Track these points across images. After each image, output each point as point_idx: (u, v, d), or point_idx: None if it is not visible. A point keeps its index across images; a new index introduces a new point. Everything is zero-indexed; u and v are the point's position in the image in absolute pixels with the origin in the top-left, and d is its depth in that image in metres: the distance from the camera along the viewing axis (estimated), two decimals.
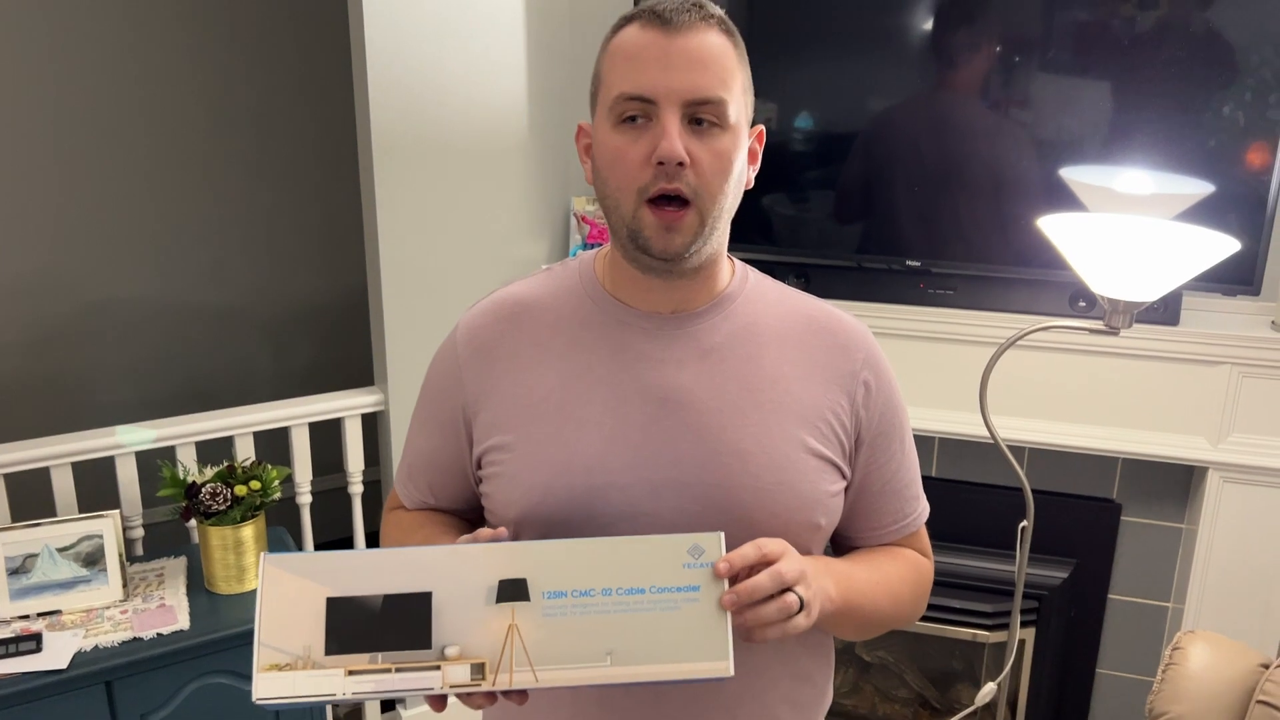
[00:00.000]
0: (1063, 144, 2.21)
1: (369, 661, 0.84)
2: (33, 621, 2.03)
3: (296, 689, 0.83)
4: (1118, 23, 2.13)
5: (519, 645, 0.86)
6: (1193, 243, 1.64)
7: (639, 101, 0.97)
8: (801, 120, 2.38)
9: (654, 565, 0.89)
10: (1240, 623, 2.31)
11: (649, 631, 0.87)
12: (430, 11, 2.37)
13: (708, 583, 0.89)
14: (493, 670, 0.84)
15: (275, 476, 2.18)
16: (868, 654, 2.76)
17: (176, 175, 3.54)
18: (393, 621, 0.86)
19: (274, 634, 0.85)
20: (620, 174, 0.99)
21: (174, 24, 3.44)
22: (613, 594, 0.88)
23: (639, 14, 1.00)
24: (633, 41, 0.99)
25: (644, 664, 0.86)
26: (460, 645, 0.85)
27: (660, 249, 0.99)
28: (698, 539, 0.90)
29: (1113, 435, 2.31)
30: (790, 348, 1.09)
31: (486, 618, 0.86)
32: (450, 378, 1.12)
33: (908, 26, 2.26)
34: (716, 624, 0.88)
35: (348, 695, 0.83)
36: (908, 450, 1.16)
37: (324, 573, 0.87)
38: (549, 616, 0.87)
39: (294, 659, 0.84)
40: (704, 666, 0.86)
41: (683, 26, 0.97)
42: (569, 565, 0.89)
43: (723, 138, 0.99)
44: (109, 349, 3.53)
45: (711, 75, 0.97)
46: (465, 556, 0.89)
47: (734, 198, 1.03)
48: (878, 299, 2.40)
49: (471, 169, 2.51)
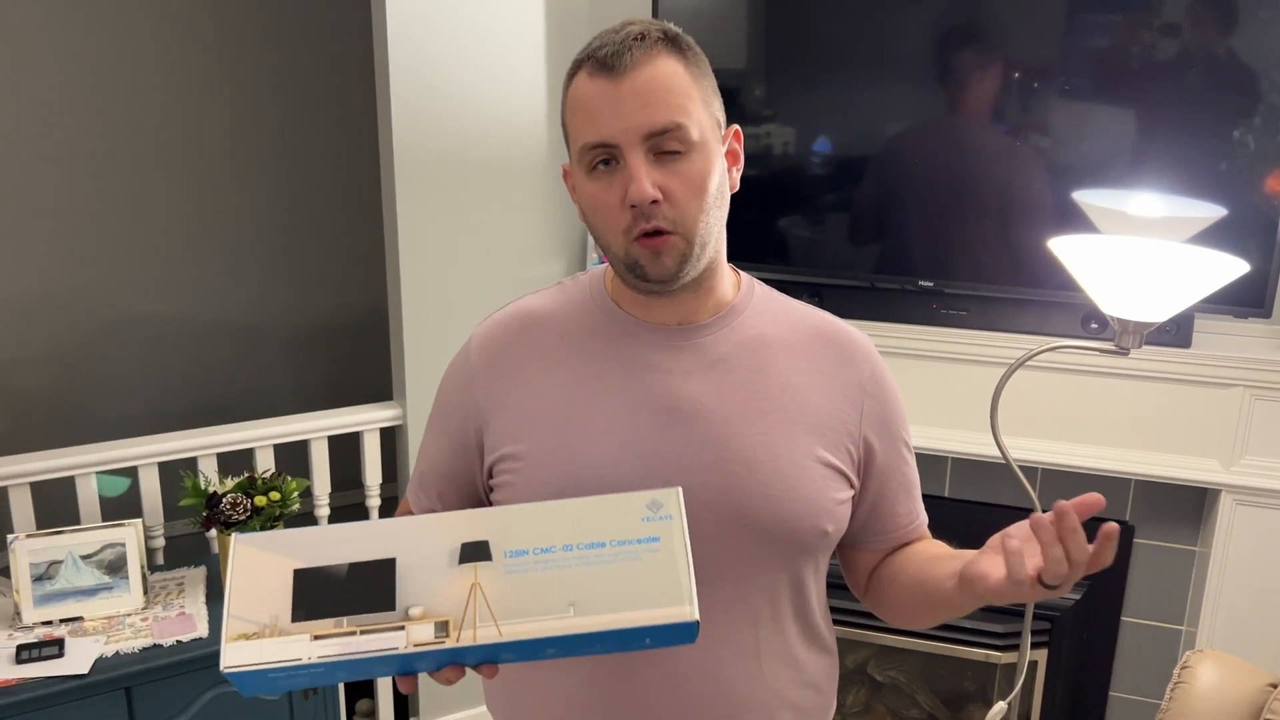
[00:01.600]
0: (1075, 167, 2.23)
1: (334, 626, 0.85)
2: (56, 627, 2.07)
3: (263, 655, 0.84)
4: (1132, 49, 2.15)
5: (482, 602, 0.86)
6: (1202, 264, 1.66)
7: (602, 147, 1.00)
8: (818, 144, 2.41)
9: (614, 521, 0.90)
10: (1253, 645, 2.30)
11: (611, 581, 0.87)
12: (452, 33, 2.42)
13: (667, 534, 0.90)
14: (456, 627, 0.85)
15: (294, 488, 2.21)
16: (880, 674, 2.76)
17: (199, 194, 3.61)
18: (358, 587, 0.87)
19: (243, 606, 0.86)
20: (603, 220, 1.03)
21: (195, 43, 3.51)
22: (574, 549, 0.89)
23: (584, 60, 1.03)
24: (583, 93, 1.02)
25: (607, 613, 0.86)
26: (424, 606, 0.86)
27: (655, 274, 1.02)
28: (655, 494, 0.92)
29: (1125, 457, 2.32)
30: (797, 358, 1.11)
31: (449, 578, 0.87)
32: (463, 388, 1.15)
33: (923, 52, 2.30)
34: (679, 571, 0.88)
35: (313, 659, 0.84)
36: (911, 456, 1.20)
37: (292, 547, 0.89)
38: (511, 574, 0.87)
39: (261, 627, 0.85)
40: (668, 612, 0.86)
41: (625, 68, 0.99)
42: (530, 526, 0.90)
43: (692, 160, 1.01)
44: (133, 363, 3.58)
45: (663, 105, 0.99)
46: (427, 524, 0.90)
47: (718, 211, 1.05)
48: (890, 319, 2.42)
49: (491, 188, 2.56)
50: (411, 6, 2.35)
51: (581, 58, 1.04)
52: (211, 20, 3.51)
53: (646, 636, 0.89)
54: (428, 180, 2.46)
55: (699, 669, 1.07)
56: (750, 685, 1.09)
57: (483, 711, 2.73)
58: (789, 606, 1.12)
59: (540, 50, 2.56)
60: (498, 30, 2.48)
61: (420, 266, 2.50)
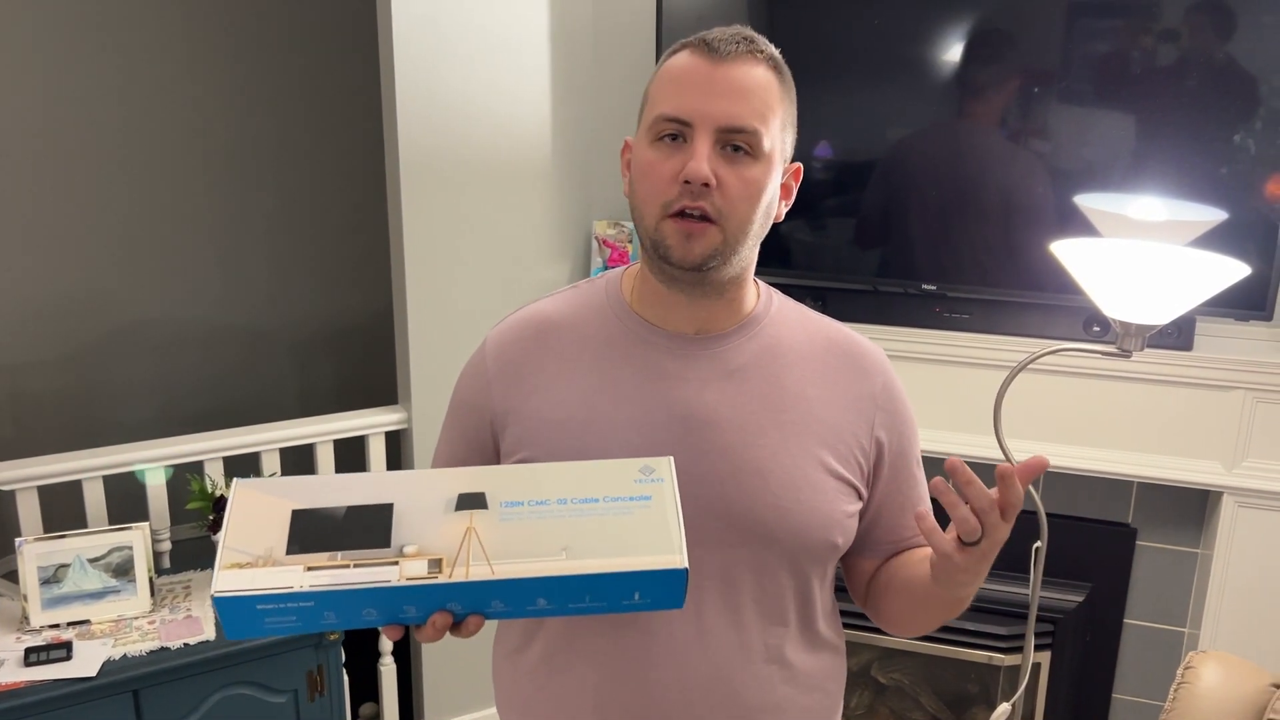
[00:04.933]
0: (1077, 171, 2.25)
1: (328, 559, 0.86)
2: (63, 630, 2.08)
3: (255, 582, 0.85)
4: (1134, 54, 2.17)
5: (476, 544, 0.88)
6: (1203, 267, 1.67)
7: (676, 123, 1.01)
8: (821, 148, 2.42)
9: (607, 481, 0.93)
10: (1256, 647, 2.31)
11: (603, 530, 0.89)
12: (458, 40, 2.43)
13: (659, 494, 0.92)
14: (449, 564, 0.86)
15: None
16: (883, 676, 2.77)
17: (207, 198, 3.62)
18: (354, 527, 0.88)
19: (239, 540, 0.88)
20: (649, 186, 1.03)
21: (205, 49, 3.53)
22: (568, 502, 0.91)
23: (692, 41, 1.05)
24: (680, 66, 1.04)
25: (598, 557, 0.87)
26: (418, 545, 0.88)
27: (679, 257, 1.02)
28: (648, 461, 0.94)
29: (1127, 459, 2.33)
30: (812, 370, 1.11)
31: (445, 523, 0.89)
32: (479, 392, 1.15)
33: (926, 57, 2.31)
34: (669, 524, 0.90)
35: (305, 587, 0.85)
36: (921, 468, 1.21)
37: (293, 491, 0.91)
38: (506, 521, 0.89)
39: (255, 558, 0.86)
40: (657, 559, 0.88)
41: (729, 56, 1.02)
42: (527, 482, 0.92)
43: (754, 166, 1.02)
44: (140, 367, 3.59)
45: (749, 106, 1.01)
46: (427, 476, 0.92)
47: (761, 225, 1.06)
48: (894, 322, 2.43)
49: (496, 193, 2.57)
50: (417, 12, 2.36)
51: (687, 41, 1.06)
52: (221, 26, 3.53)
53: (637, 590, 0.90)
54: (433, 184, 2.48)
55: (708, 673, 1.08)
56: (759, 689, 1.10)
57: (488, 714, 2.74)
58: (796, 613, 1.13)
59: (545, 55, 2.57)
60: (503, 35, 2.49)
61: (426, 270, 2.51)
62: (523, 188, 2.61)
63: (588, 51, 2.66)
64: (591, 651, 1.10)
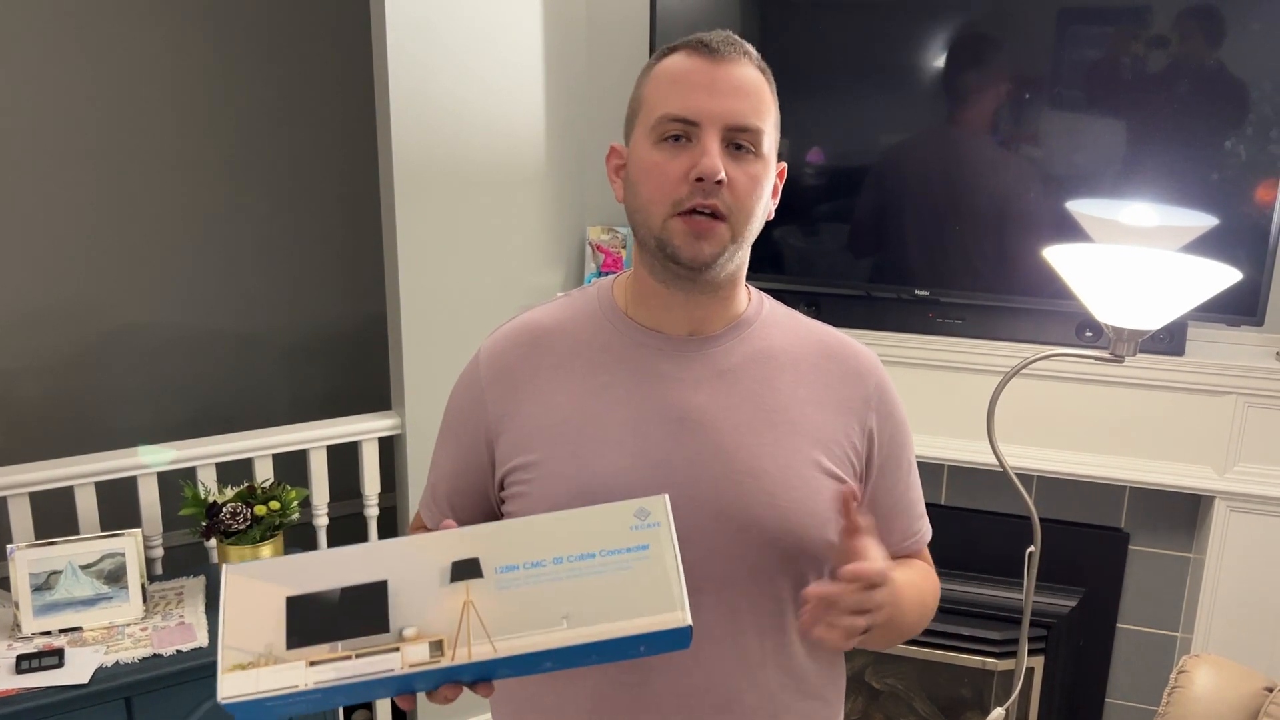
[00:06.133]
0: (1069, 177, 2.26)
1: (329, 651, 0.85)
2: (55, 637, 2.06)
3: (260, 684, 0.84)
4: (1124, 61, 2.18)
5: (475, 620, 0.86)
6: (1195, 273, 1.68)
7: (682, 123, 1.02)
8: (812, 154, 2.43)
9: (602, 531, 0.90)
10: (1248, 651, 2.32)
11: (603, 592, 0.87)
12: (451, 44, 2.43)
13: (656, 540, 0.90)
14: (451, 645, 0.85)
15: (294, 497, 2.22)
16: (877, 681, 2.77)
17: (198, 203, 3.62)
18: (350, 611, 0.87)
19: (237, 637, 0.86)
20: (655, 187, 1.04)
21: (197, 53, 3.52)
22: (564, 561, 0.89)
23: (685, 44, 1.06)
24: (679, 67, 1.05)
25: (601, 623, 0.86)
26: (417, 626, 0.86)
27: (689, 256, 1.03)
28: (643, 503, 0.92)
29: (1120, 464, 2.34)
30: (804, 372, 1.12)
31: (442, 597, 0.87)
32: (473, 401, 1.15)
33: (918, 63, 2.32)
34: (669, 578, 0.88)
35: (309, 685, 0.84)
36: (913, 474, 1.20)
37: (284, 575, 0.89)
38: (503, 589, 0.88)
39: (256, 657, 0.85)
40: (660, 619, 0.86)
41: (727, 57, 1.04)
42: (519, 541, 0.90)
43: (756, 164, 1.04)
44: (131, 373, 3.58)
45: (751, 105, 1.04)
46: (417, 544, 0.91)
47: (759, 223, 1.08)
48: (887, 328, 2.44)
49: (490, 199, 2.57)
50: (410, 16, 2.36)
51: (679, 44, 1.07)
52: (210, 30, 3.52)
53: (641, 644, 0.89)
54: (427, 190, 2.47)
55: (705, 678, 1.08)
56: (756, 694, 1.10)
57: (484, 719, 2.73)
58: (794, 617, 1.12)
59: (538, 60, 2.57)
60: (496, 40, 2.49)
61: (419, 276, 2.51)
62: (516, 193, 2.61)
63: (581, 56, 2.67)
64: None
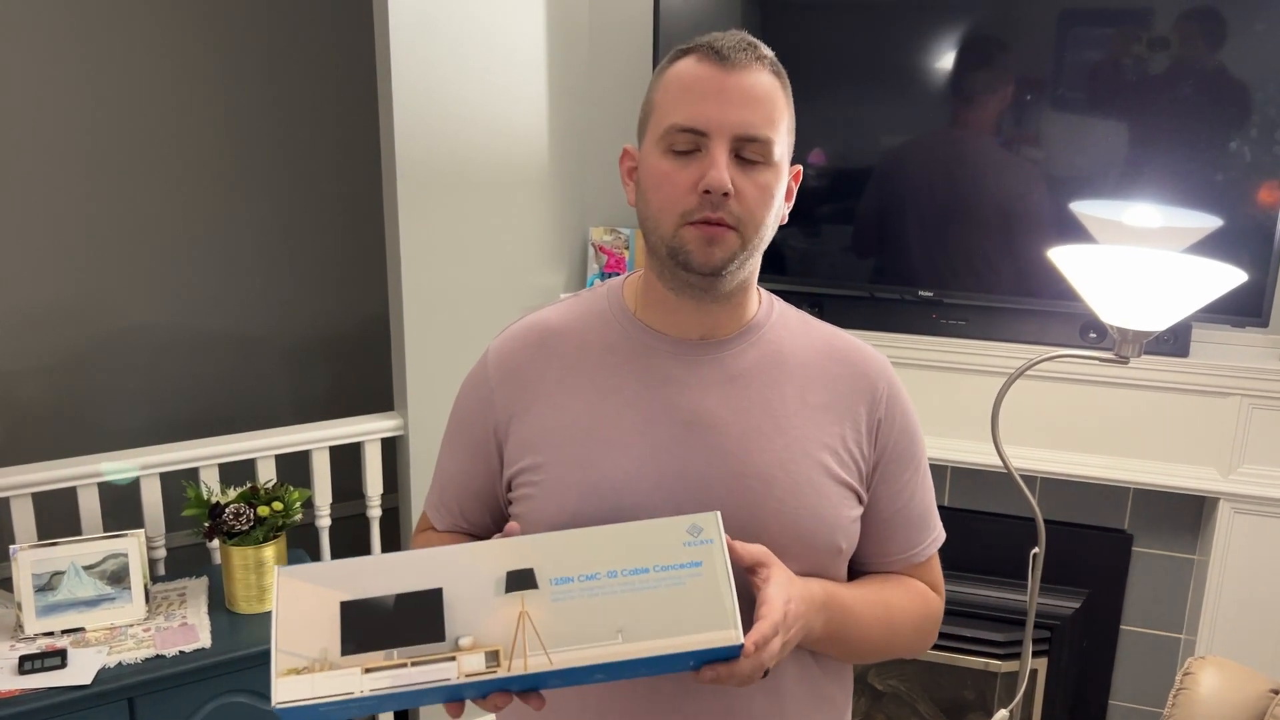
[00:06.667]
0: (1073, 178, 2.25)
1: (385, 658, 0.85)
2: (58, 638, 2.06)
3: (315, 690, 0.84)
4: (1127, 62, 2.17)
5: (531, 631, 0.87)
6: (1200, 274, 1.67)
7: (691, 133, 1.01)
8: (814, 155, 2.43)
9: (656, 546, 0.91)
10: (1252, 653, 2.31)
11: (657, 607, 0.88)
12: (454, 44, 2.43)
13: (709, 558, 0.91)
14: (507, 656, 0.85)
15: (297, 498, 2.22)
16: (880, 683, 2.77)
17: (200, 203, 3.62)
18: (406, 619, 0.87)
19: (291, 640, 0.87)
20: (665, 196, 1.03)
21: (197, 54, 3.52)
22: (618, 575, 0.89)
23: (696, 47, 1.04)
24: (689, 73, 1.03)
25: (655, 638, 0.87)
26: (473, 635, 0.86)
27: (701, 262, 1.02)
28: (695, 519, 0.93)
29: (1124, 466, 2.33)
30: (813, 376, 1.11)
31: (497, 607, 0.88)
32: (482, 401, 1.15)
33: (921, 65, 2.32)
34: (722, 595, 0.89)
35: (365, 692, 0.84)
36: (922, 479, 1.18)
37: (337, 579, 0.89)
38: (558, 601, 0.88)
39: (311, 662, 0.85)
40: (713, 636, 0.87)
41: (738, 64, 1.02)
42: (573, 553, 0.91)
43: (767, 173, 1.03)
44: (134, 374, 3.58)
45: (761, 114, 1.02)
46: (472, 553, 0.91)
47: (771, 230, 1.07)
48: (890, 329, 2.44)
49: (492, 199, 2.57)
50: (413, 16, 2.36)
51: (689, 46, 1.05)
52: (212, 30, 3.52)
53: (691, 659, 0.89)
54: (429, 190, 2.47)
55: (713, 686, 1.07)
56: (764, 700, 1.09)
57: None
58: None
59: (542, 61, 2.57)
60: (499, 41, 2.49)
61: (422, 276, 2.51)
62: (519, 193, 2.61)
63: (584, 57, 2.67)
64: None
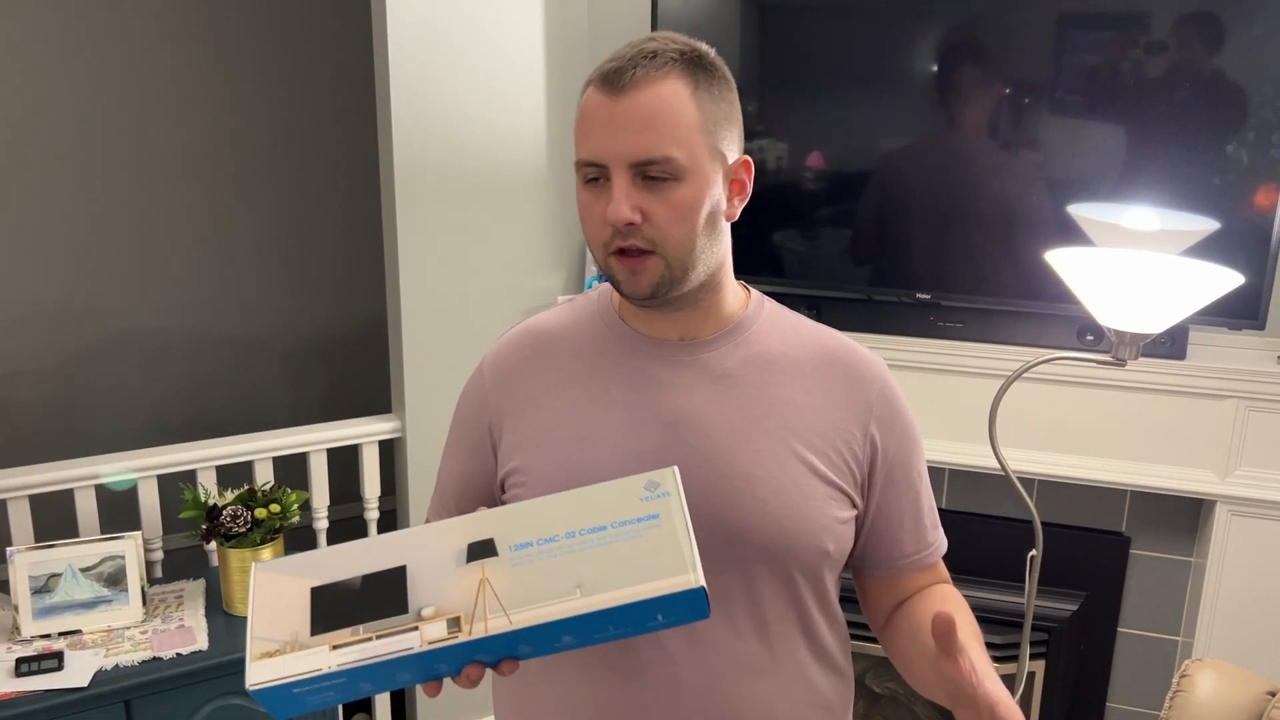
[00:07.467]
0: (1070, 182, 2.26)
1: (351, 634, 0.88)
2: (54, 640, 2.06)
3: (285, 669, 0.87)
4: (1125, 65, 2.18)
5: (491, 595, 0.89)
6: (1197, 276, 1.68)
7: (593, 166, 1.02)
8: (812, 159, 2.43)
9: (613, 504, 0.92)
10: (1250, 655, 2.31)
11: (615, 561, 0.89)
12: (452, 46, 2.43)
13: (666, 510, 0.91)
14: (468, 621, 0.88)
15: (294, 500, 2.22)
16: (878, 685, 2.77)
17: (198, 206, 3.62)
18: (372, 596, 0.90)
19: (264, 628, 0.90)
20: (588, 229, 1.06)
21: (196, 57, 3.52)
22: (576, 535, 0.91)
23: (596, 75, 1.04)
24: (587, 105, 1.04)
25: (613, 589, 0.88)
26: (435, 605, 0.89)
27: (629, 290, 1.04)
28: (652, 475, 0.93)
29: (1121, 468, 2.34)
30: (804, 377, 1.11)
31: (459, 577, 0.90)
32: (477, 403, 1.17)
33: (918, 68, 2.32)
34: (680, 542, 0.90)
35: (333, 667, 0.87)
36: (924, 483, 1.17)
37: (309, 568, 0.92)
38: (517, 565, 0.90)
39: (283, 645, 0.88)
40: (671, 581, 0.87)
41: (628, 86, 1.00)
42: (532, 519, 0.92)
43: (679, 189, 1.01)
44: (132, 376, 3.58)
45: (656, 134, 0.99)
46: (434, 531, 0.93)
47: (709, 238, 1.05)
48: (888, 331, 2.44)
49: (490, 202, 2.57)
50: (411, 19, 2.36)
51: (593, 74, 1.05)
52: (211, 32, 3.52)
53: (659, 612, 0.90)
54: (427, 192, 2.47)
55: (701, 684, 1.07)
56: (756, 701, 1.09)
57: None
58: (795, 624, 1.11)
59: (540, 63, 2.57)
60: (497, 42, 2.49)
61: (420, 279, 2.51)
62: (517, 196, 2.61)
63: (583, 60, 2.67)
64: (586, 661, 1.09)
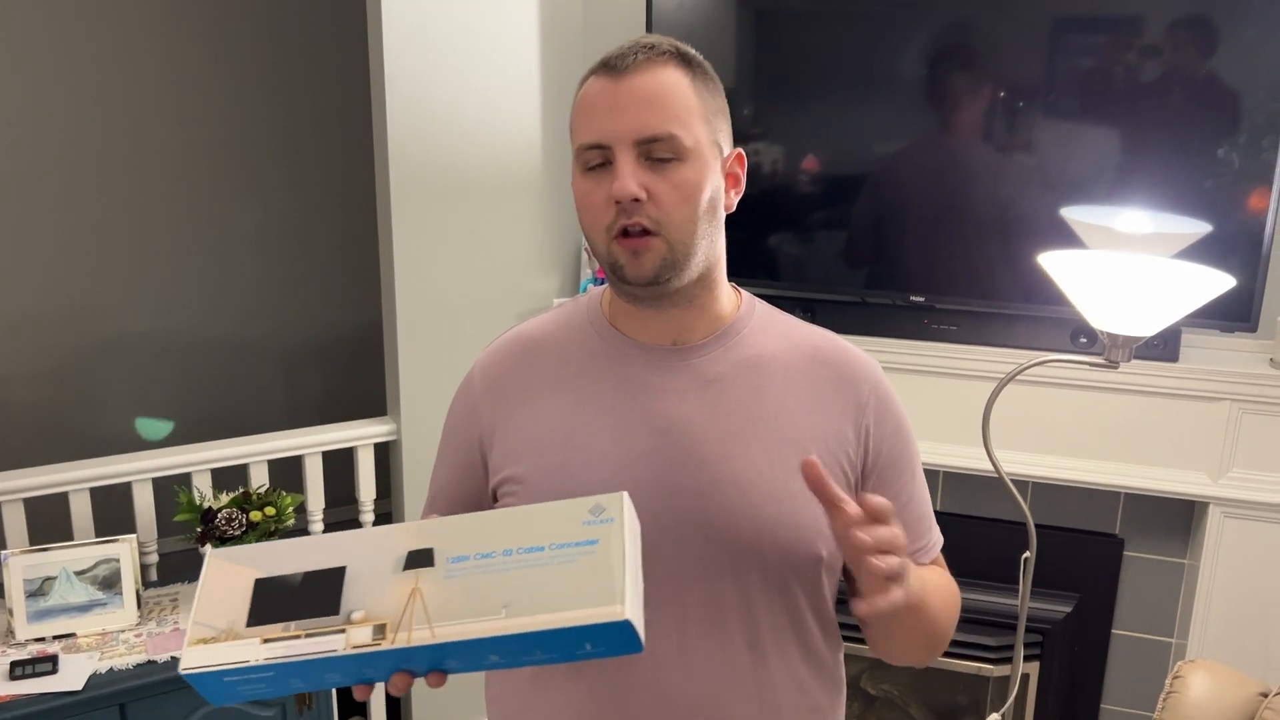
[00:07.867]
0: (1064, 184, 2.26)
1: (283, 630, 0.88)
2: (49, 643, 2.06)
3: (216, 658, 0.88)
4: (1118, 69, 2.19)
5: (420, 606, 0.88)
6: (1189, 279, 1.68)
7: (597, 149, 1.03)
8: (807, 162, 2.43)
9: (556, 526, 0.91)
10: (1242, 657, 2.32)
11: (545, 584, 0.88)
12: (448, 50, 2.44)
13: (606, 537, 0.90)
14: (393, 629, 0.88)
15: (289, 503, 2.22)
16: (873, 687, 2.77)
17: (194, 209, 3.62)
18: (309, 594, 0.90)
19: (207, 614, 0.90)
20: (589, 216, 1.05)
21: (195, 61, 3.52)
22: (514, 553, 0.90)
23: (594, 67, 1.06)
24: (588, 92, 1.05)
25: (537, 613, 0.86)
26: (365, 610, 0.89)
27: (633, 274, 1.03)
28: (600, 499, 0.92)
29: (1115, 470, 2.34)
30: (796, 379, 1.10)
31: (393, 584, 0.90)
32: (468, 412, 1.16)
33: (911, 72, 2.33)
34: (612, 572, 0.88)
35: (260, 660, 0.87)
36: (918, 482, 1.17)
37: (259, 559, 0.93)
38: (451, 578, 0.89)
39: (219, 633, 0.89)
40: (595, 611, 0.86)
41: (629, 70, 1.02)
42: (476, 533, 0.92)
43: (682, 169, 1.02)
44: (127, 379, 3.58)
45: (660, 112, 1.01)
46: (380, 535, 0.93)
47: (709, 224, 1.06)
48: (882, 334, 2.44)
49: (486, 205, 2.57)
50: (407, 23, 2.37)
51: (591, 68, 1.06)
52: (208, 36, 3.52)
53: (586, 641, 0.88)
54: (423, 196, 2.48)
55: (693, 691, 1.07)
56: (749, 707, 1.09)
57: None
58: (789, 631, 1.10)
59: (535, 67, 2.58)
60: (493, 47, 2.50)
61: (415, 282, 2.51)
62: (513, 200, 2.61)
63: (578, 64, 2.67)
64: (578, 669, 1.09)
